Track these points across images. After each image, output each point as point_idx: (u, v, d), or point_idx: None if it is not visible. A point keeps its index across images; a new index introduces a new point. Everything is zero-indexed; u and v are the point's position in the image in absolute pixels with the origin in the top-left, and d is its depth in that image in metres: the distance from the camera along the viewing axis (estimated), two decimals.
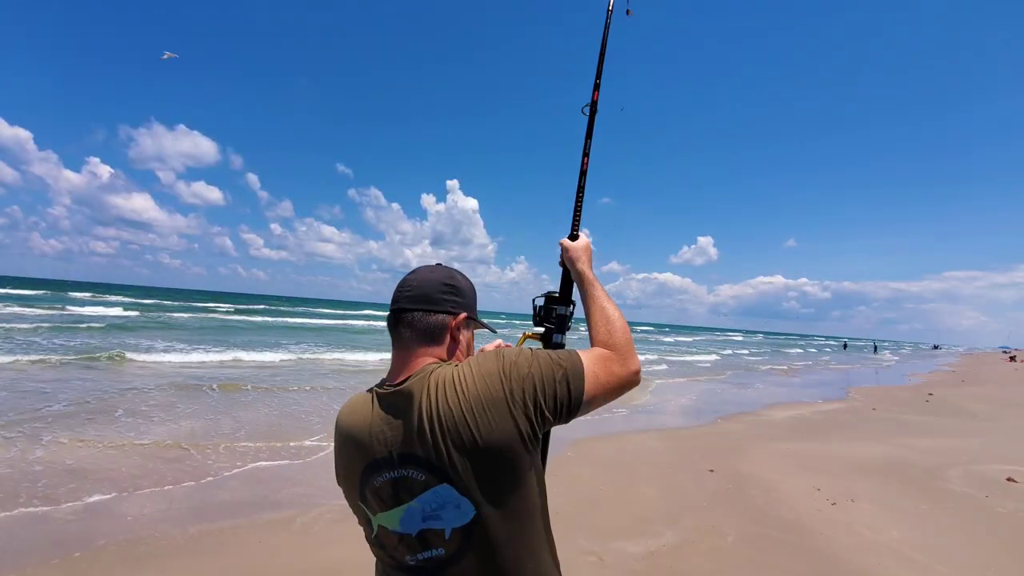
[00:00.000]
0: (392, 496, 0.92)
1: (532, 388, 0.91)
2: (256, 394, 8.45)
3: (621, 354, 1.04)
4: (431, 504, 0.89)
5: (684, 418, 8.68)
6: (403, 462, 0.91)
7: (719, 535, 3.83)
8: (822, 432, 7.97)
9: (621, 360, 1.03)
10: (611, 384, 1.00)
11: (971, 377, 21.46)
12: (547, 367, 0.95)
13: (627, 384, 1.03)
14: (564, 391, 0.94)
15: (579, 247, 1.26)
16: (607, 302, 1.14)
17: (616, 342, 1.05)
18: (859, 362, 31.68)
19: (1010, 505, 4.66)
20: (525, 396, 0.90)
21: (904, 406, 11.43)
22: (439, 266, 1.10)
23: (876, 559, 3.50)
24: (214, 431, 6.13)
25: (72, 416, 6.36)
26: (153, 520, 3.76)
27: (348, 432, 0.99)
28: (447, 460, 0.88)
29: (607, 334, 1.07)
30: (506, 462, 0.90)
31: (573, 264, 1.25)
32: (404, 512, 0.91)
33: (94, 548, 3.33)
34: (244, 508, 4.05)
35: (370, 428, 0.95)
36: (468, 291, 1.09)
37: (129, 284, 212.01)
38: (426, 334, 1.00)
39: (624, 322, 1.10)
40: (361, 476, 0.96)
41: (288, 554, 3.37)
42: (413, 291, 1.02)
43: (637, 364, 1.05)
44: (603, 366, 1.00)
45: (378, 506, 0.94)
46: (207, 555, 3.32)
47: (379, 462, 0.93)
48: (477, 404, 0.88)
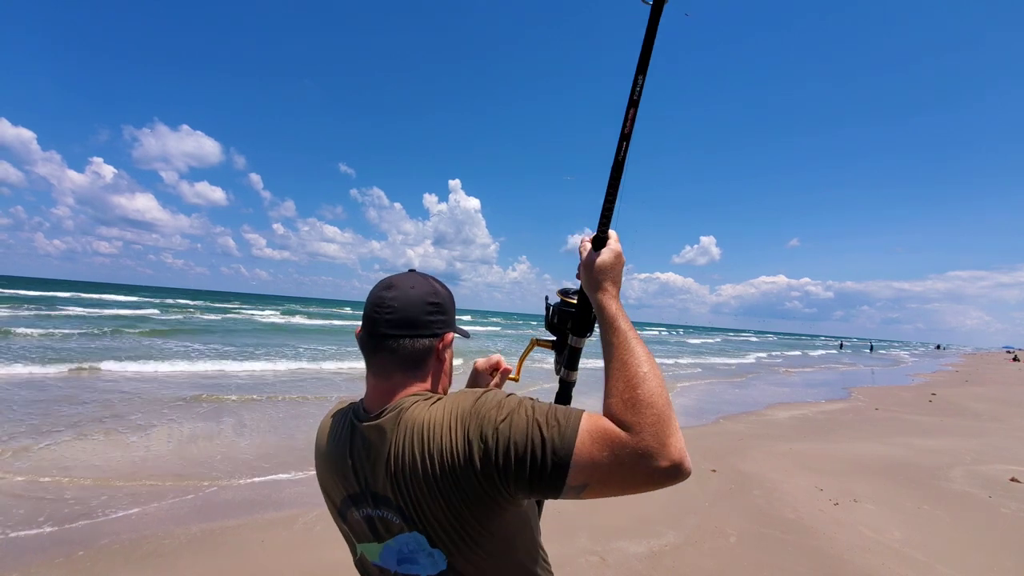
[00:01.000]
0: (370, 532, 0.88)
1: (498, 449, 0.74)
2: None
3: (642, 440, 0.71)
4: (407, 546, 0.84)
5: (686, 418, 8.67)
6: (376, 503, 0.85)
7: (721, 535, 3.82)
8: (824, 432, 7.95)
9: (639, 448, 0.71)
10: (615, 477, 0.72)
11: (974, 377, 21.39)
12: (521, 429, 0.75)
13: (649, 482, 0.72)
14: (539, 464, 0.73)
15: (602, 265, 0.92)
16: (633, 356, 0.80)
17: (638, 420, 0.72)
18: (863, 362, 31.60)
19: (1013, 505, 4.65)
20: (487, 457, 0.75)
21: (907, 406, 11.39)
22: (415, 275, 0.95)
23: (879, 559, 3.50)
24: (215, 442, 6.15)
25: (73, 416, 6.39)
26: (156, 519, 3.77)
27: (326, 457, 0.94)
28: (416, 510, 0.81)
29: (623, 405, 0.74)
30: (476, 518, 0.79)
31: (590, 290, 0.93)
32: (383, 548, 0.87)
33: (97, 547, 3.34)
34: (246, 508, 4.06)
35: (347, 459, 0.89)
36: (449, 302, 0.96)
37: (131, 284, 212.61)
38: (409, 362, 0.89)
39: (658, 388, 0.75)
40: (340, 505, 0.92)
41: (290, 554, 3.37)
42: (395, 314, 0.88)
43: (675, 454, 0.70)
44: (606, 449, 0.72)
45: (359, 535, 0.91)
46: (209, 554, 3.32)
47: (356, 497, 0.88)
48: (439, 458, 0.77)
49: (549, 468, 0.73)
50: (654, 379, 0.76)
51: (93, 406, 6.92)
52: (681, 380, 14.57)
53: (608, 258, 0.92)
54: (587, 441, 0.72)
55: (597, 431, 0.73)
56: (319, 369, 12.34)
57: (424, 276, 0.95)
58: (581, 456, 0.72)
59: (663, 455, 0.70)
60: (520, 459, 0.73)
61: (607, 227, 0.95)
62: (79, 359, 10.39)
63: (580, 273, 0.97)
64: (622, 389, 0.76)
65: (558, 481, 0.73)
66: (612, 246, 0.94)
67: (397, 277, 0.94)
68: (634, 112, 0.88)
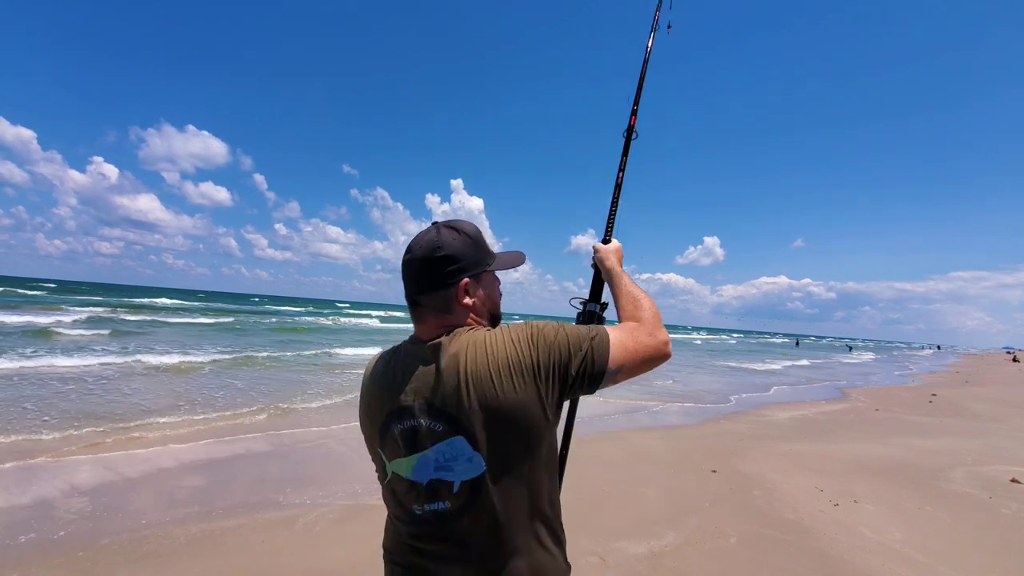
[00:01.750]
0: (410, 443, 0.98)
1: (558, 355, 0.96)
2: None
3: (648, 326, 1.08)
4: (445, 455, 0.95)
5: (686, 417, 8.67)
6: (426, 412, 0.96)
7: (721, 536, 3.82)
8: (824, 432, 7.95)
9: (648, 331, 1.07)
10: (639, 353, 1.03)
11: (975, 378, 21.38)
12: (573, 336, 0.99)
13: (656, 354, 1.05)
14: (589, 359, 0.98)
15: (609, 248, 1.36)
16: (634, 287, 1.21)
17: (643, 316, 1.11)
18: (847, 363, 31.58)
19: (1014, 506, 4.65)
20: (551, 362, 0.95)
21: (907, 407, 11.39)
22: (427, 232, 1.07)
23: (879, 560, 3.49)
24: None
25: (73, 416, 6.39)
26: (156, 519, 3.77)
27: (378, 379, 1.07)
28: (467, 414, 0.93)
29: (633, 309, 1.14)
30: (522, 425, 0.94)
31: (602, 262, 1.34)
32: (418, 460, 0.97)
33: (97, 547, 3.34)
34: (247, 507, 4.06)
35: (400, 377, 1.01)
36: (463, 247, 1.05)
37: (131, 285, 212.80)
38: (438, 310, 1.04)
39: (651, 301, 1.15)
40: (384, 420, 1.02)
41: (290, 554, 3.37)
42: (412, 277, 1.05)
43: (665, 335, 1.07)
44: (630, 335, 1.05)
45: (395, 452, 1.01)
46: (209, 554, 3.32)
47: (404, 410, 0.99)
48: (505, 366, 0.93)
49: (594, 355, 0.98)
50: (648, 298, 1.16)
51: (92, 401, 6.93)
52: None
53: (613, 245, 1.37)
54: (617, 334, 1.04)
55: (622, 326, 1.09)
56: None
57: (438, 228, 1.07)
58: (616, 344, 1.01)
59: (660, 334, 1.07)
60: (571, 354, 0.97)
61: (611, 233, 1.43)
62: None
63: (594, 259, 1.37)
64: (630, 303, 1.15)
65: (603, 366, 0.98)
66: (615, 243, 1.39)
67: (417, 237, 1.07)
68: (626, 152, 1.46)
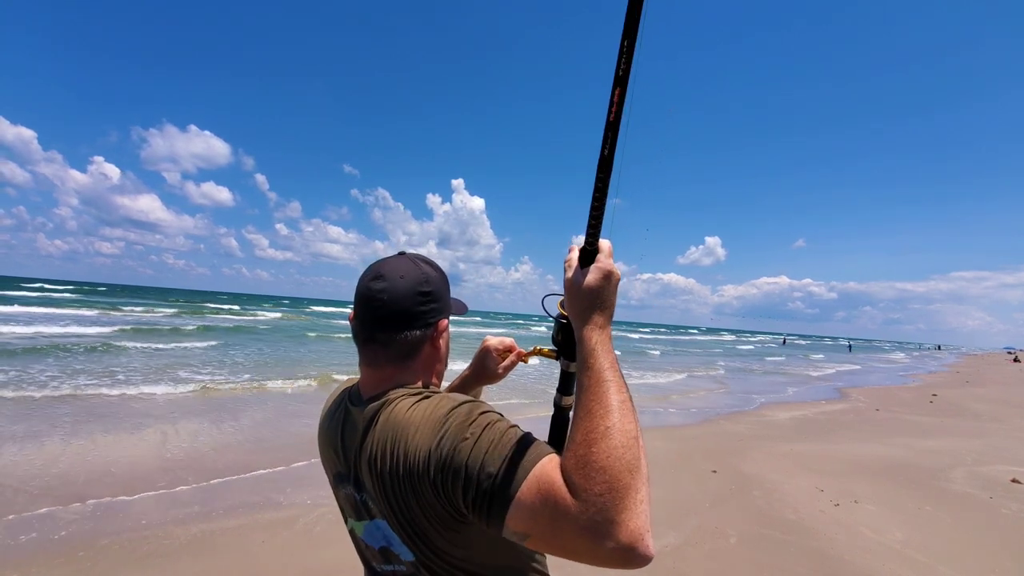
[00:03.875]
0: (354, 509, 0.91)
1: (452, 470, 0.69)
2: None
3: (587, 512, 0.59)
4: (381, 532, 0.85)
5: (686, 418, 8.67)
6: (357, 484, 0.87)
7: (722, 536, 3.82)
8: (825, 433, 7.95)
9: (584, 521, 0.59)
10: (556, 541, 0.62)
11: (975, 378, 21.37)
12: (476, 457, 0.68)
13: (590, 559, 0.59)
14: (483, 498, 0.67)
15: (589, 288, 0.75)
16: (605, 403, 0.66)
17: (588, 486, 0.60)
18: (857, 362, 31.57)
19: (1014, 506, 4.64)
20: (443, 475, 0.70)
21: (907, 407, 11.39)
22: (405, 260, 0.92)
23: (879, 560, 3.49)
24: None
25: (72, 415, 6.39)
26: (156, 520, 3.77)
27: (324, 433, 0.98)
28: (385, 503, 0.80)
29: (576, 464, 0.62)
30: (438, 527, 0.76)
31: (575, 317, 0.77)
32: (365, 527, 0.89)
33: (97, 547, 3.34)
34: (247, 508, 4.06)
35: (338, 438, 0.92)
36: (442, 286, 0.93)
37: (132, 285, 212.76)
38: (401, 354, 0.88)
39: (625, 447, 0.62)
40: (332, 480, 0.96)
41: (291, 554, 3.37)
42: (384, 308, 0.86)
43: (628, 534, 0.57)
44: (547, 509, 0.62)
45: (347, 511, 0.94)
46: (210, 555, 3.32)
47: (343, 475, 0.91)
48: (406, 462, 0.74)
49: (489, 503, 0.66)
50: (618, 436, 0.62)
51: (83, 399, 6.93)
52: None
53: (595, 280, 0.74)
54: (534, 489, 0.63)
55: (545, 481, 0.63)
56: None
57: (414, 261, 0.92)
58: (523, 503, 0.63)
59: (609, 534, 0.57)
60: (466, 483, 0.68)
61: (596, 238, 0.75)
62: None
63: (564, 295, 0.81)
64: (579, 443, 0.64)
65: (498, 520, 0.66)
66: (602, 264, 0.75)
67: (387, 264, 0.90)
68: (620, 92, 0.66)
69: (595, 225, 0.74)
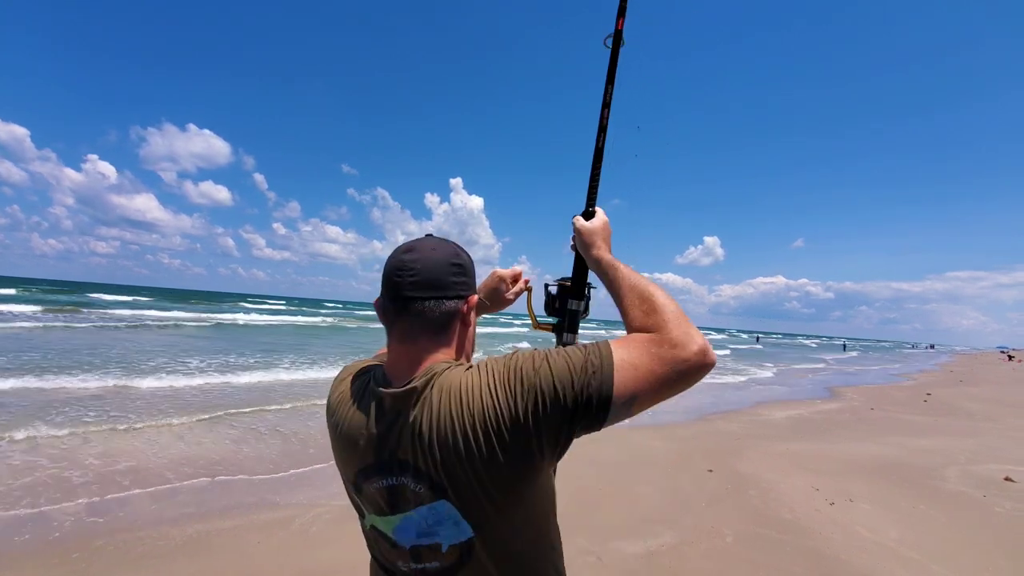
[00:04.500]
0: (388, 503, 0.85)
1: (545, 397, 0.75)
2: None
3: (669, 332, 0.78)
4: (428, 519, 0.81)
5: (683, 417, 8.69)
6: (402, 470, 0.82)
7: (718, 535, 3.83)
8: (820, 432, 7.98)
9: (670, 340, 0.77)
10: (660, 373, 0.76)
11: (969, 377, 21.52)
12: (562, 368, 0.76)
13: (688, 370, 0.76)
14: (586, 393, 0.75)
15: (593, 228, 1.04)
16: (638, 279, 0.90)
17: (660, 320, 0.81)
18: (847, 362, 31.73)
19: (1007, 505, 4.68)
20: (538, 408, 0.75)
21: (902, 406, 11.45)
22: (435, 239, 0.92)
23: (874, 559, 3.51)
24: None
25: (69, 415, 6.35)
26: (152, 520, 3.75)
27: (345, 426, 0.90)
28: (448, 477, 0.78)
29: (644, 313, 0.83)
30: (512, 483, 0.78)
31: (586, 251, 1.03)
32: (400, 521, 0.84)
33: (92, 548, 3.32)
34: (243, 508, 4.04)
35: (369, 427, 0.85)
36: (470, 265, 0.94)
37: (130, 284, 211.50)
38: (435, 325, 0.86)
39: (667, 295, 0.85)
40: (360, 471, 0.87)
41: (287, 554, 3.36)
42: (419, 275, 0.85)
43: (699, 341, 0.77)
44: (644, 352, 0.77)
45: (375, 508, 0.87)
46: (205, 555, 3.31)
47: (377, 465, 0.84)
48: (483, 421, 0.76)
49: (595, 388, 0.75)
50: (661, 291, 0.86)
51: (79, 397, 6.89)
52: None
53: (598, 223, 1.05)
54: (623, 353, 0.77)
55: (630, 341, 0.80)
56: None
57: (444, 240, 0.93)
58: (622, 368, 0.76)
59: (691, 342, 0.77)
60: (569, 389, 0.75)
61: (594, 203, 1.10)
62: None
63: (574, 241, 1.08)
64: (638, 303, 0.85)
65: (606, 400, 0.75)
66: (600, 215, 1.07)
67: (417, 241, 0.91)
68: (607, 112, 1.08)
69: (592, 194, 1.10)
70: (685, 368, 0.76)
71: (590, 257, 1.03)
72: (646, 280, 0.90)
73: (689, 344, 0.76)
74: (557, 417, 0.75)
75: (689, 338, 0.77)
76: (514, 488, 0.79)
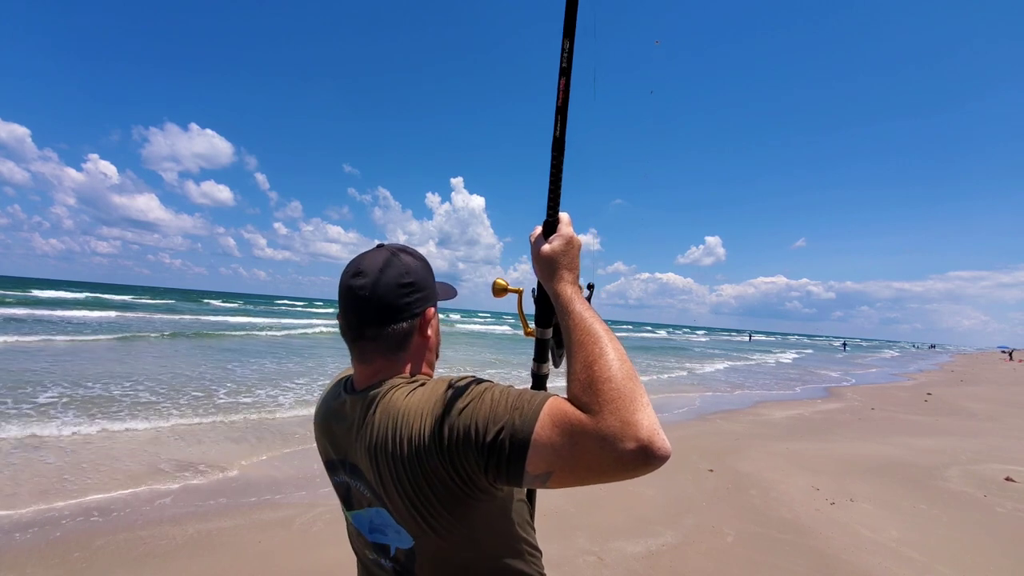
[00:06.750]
0: (346, 498, 0.93)
1: (458, 437, 0.72)
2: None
3: (602, 421, 0.64)
4: (375, 520, 0.86)
5: (683, 417, 8.69)
6: (351, 472, 0.89)
7: (718, 535, 3.83)
8: (821, 432, 7.98)
9: (598, 432, 0.64)
10: (584, 463, 0.65)
11: (970, 377, 21.50)
12: (483, 415, 0.71)
13: (621, 466, 0.64)
14: (498, 451, 0.69)
15: (553, 253, 0.85)
16: (589, 337, 0.74)
17: (596, 402, 0.66)
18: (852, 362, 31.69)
19: (1009, 504, 4.67)
20: (449, 444, 0.72)
21: (903, 405, 11.44)
22: (384, 253, 0.91)
23: (875, 559, 3.51)
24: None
25: (68, 414, 6.35)
26: (152, 520, 3.75)
27: (320, 419, 0.99)
28: (384, 488, 0.81)
29: (582, 386, 0.69)
30: (443, 508, 0.77)
31: (546, 279, 0.86)
32: (354, 516, 0.92)
33: (92, 548, 3.32)
34: (243, 508, 4.04)
35: (332, 426, 0.93)
36: (424, 274, 0.93)
37: (131, 284, 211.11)
38: (391, 347, 0.89)
39: (620, 366, 0.69)
40: (326, 467, 0.99)
41: (287, 555, 3.36)
42: (369, 304, 0.86)
43: (640, 434, 0.63)
44: (566, 434, 0.66)
45: (340, 498, 0.96)
46: (206, 555, 3.31)
47: (336, 463, 0.93)
48: (410, 446, 0.76)
49: (507, 452, 0.68)
50: (612, 354, 0.70)
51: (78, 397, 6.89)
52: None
53: (558, 245, 0.85)
54: (547, 424, 0.67)
55: (557, 414, 0.68)
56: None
57: (393, 252, 0.91)
58: (540, 440, 0.67)
59: (626, 435, 0.63)
60: (479, 441, 0.70)
61: (556, 210, 0.88)
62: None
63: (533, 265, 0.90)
64: (579, 370, 0.71)
65: (517, 466, 0.68)
66: (562, 231, 0.86)
67: (365, 259, 0.90)
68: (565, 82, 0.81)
69: (554, 199, 0.87)
70: (616, 463, 0.63)
71: (548, 288, 0.86)
72: (598, 336, 0.73)
73: (622, 439, 0.63)
74: (468, 461, 0.72)
75: (625, 430, 0.63)
76: (447, 512, 0.77)
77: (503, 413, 0.71)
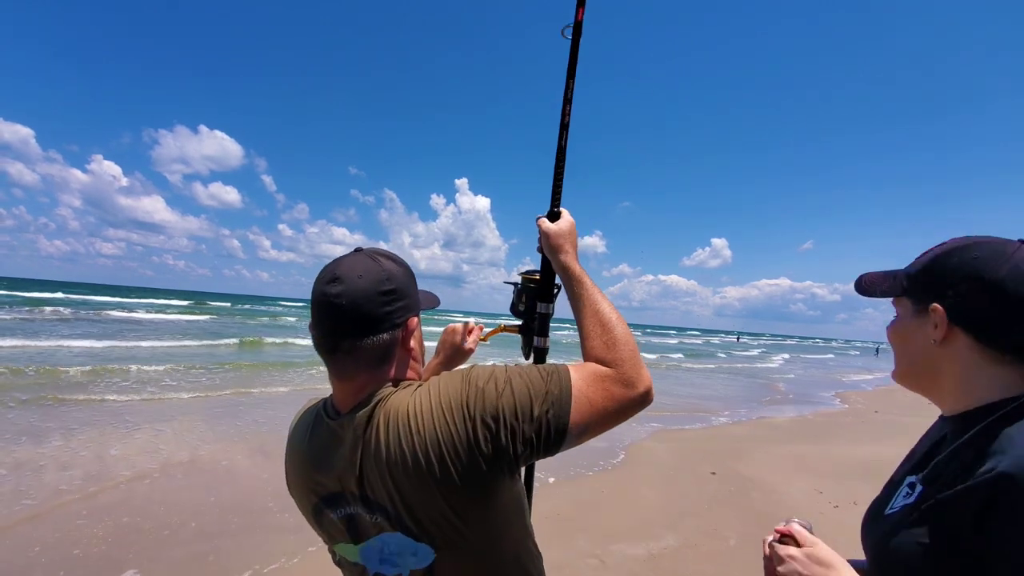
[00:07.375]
0: (348, 532, 0.84)
1: (503, 421, 0.74)
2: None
3: (624, 371, 0.81)
4: (387, 548, 0.80)
5: (685, 420, 8.66)
6: (355, 500, 0.80)
7: (720, 538, 3.81)
8: (824, 434, 7.95)
9: (624, 378, 0.81)
10: (610, 409, 0.79)
11: None
12: (523, 393, 0.76)
13: (633, 407, 0.81)
14: (544, 422, 0.76)
15: (560, 231, 1.01)
16: (602, 303, 0.90)
17: (619, 356, 0.83)
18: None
19: None
20: (493, 432, 0.74)
21: (906, 408, 11.38)
22: (362, 258, 0.84)
23: None
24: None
25: (68, 415, 6.37)
26: (152, 521, 3.76)
27: (296, 460, 0.88)
28: (401, 507, 0.76)
29: (604, 346, 0.84)
30: (471, 505, 0.76)
31: (554, 255, 1.00)
32: (362, 549, 0.83)
33: (93, 548, 3.32)
34: (243, 510, 4.04)
35: (319, 459, 0.83)
36: (406, 281, 0.86)
37: (131, 286, 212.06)
38: (372, 360, 0.81)
39: (626, 328, 0.87)
40: (317, 504, 0.85)
41: (287, 556, 3.36)
42: (346, 314, 0.78)
43: (647, 381, 0.82)
44: (600, 387, 0.80)
45: (338, 536, 0.86)
46: (207, 558, 3.31)
47: (333, 497, 0.83)
48: (435, 447, 0.73)
49: (552, 417, 0.76)
50: (622, 323, 0.88)
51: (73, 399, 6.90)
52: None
53: (564, 226, 1.02)
54: (582, 386, 0.79)
55: (588, 374, 0.81)
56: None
57: (372, 257, 0.84)
58: (579, 400, 0.78)
59: (641, 382, 0.82)
60: (528, 416, 0.75)
61: (558, 204, 1.07)
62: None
63: (540, 244, 1.05)
64: (600, 332, 0.86)
65: (562, 430, 0.76)
66: (566, 217, 1.05)
67: (342, 264, 0.82)
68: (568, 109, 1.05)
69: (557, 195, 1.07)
70: (631, 406, 0.81)
71: (557, 262, 1.00)
72: (609, 306, 0.90)
73: (639, 385, 0.81)
74: (515, 443, 0.75)
75: (640, 379, 0.82)
76: (473, 509, 0.77)
77: (540, 386, 0.78)
